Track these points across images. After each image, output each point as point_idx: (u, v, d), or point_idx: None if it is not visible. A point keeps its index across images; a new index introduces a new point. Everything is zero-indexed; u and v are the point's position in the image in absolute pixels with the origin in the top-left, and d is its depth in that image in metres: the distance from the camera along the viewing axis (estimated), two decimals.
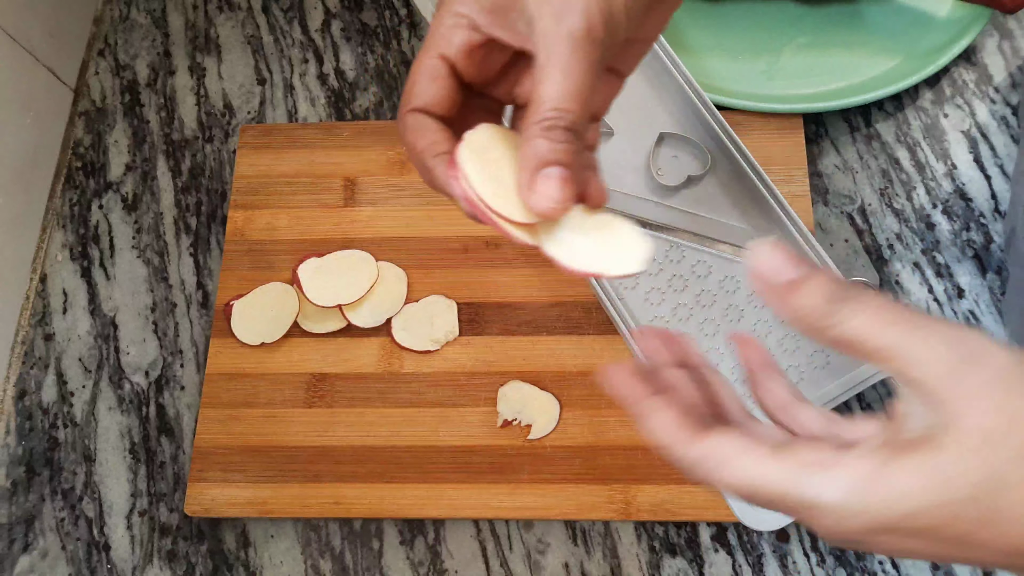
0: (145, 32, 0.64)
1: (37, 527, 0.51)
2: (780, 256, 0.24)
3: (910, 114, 0.56)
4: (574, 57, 0.27)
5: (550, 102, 0.27)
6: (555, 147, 0.27)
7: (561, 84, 0.27)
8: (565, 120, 0.27)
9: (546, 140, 0.27)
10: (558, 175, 0.27)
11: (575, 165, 0.28)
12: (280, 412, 0.51)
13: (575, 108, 0.27)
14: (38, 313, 0.56)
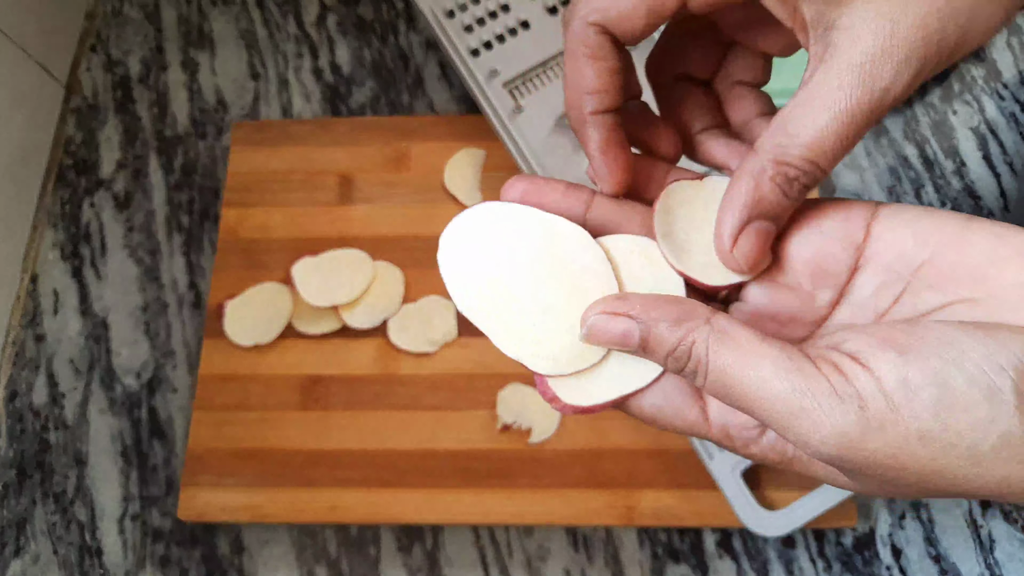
0: (137, 27, 0.62)
1: (28, 531, 0.50)
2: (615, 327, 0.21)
3: (919, 110, 0.55)
4: (871, 116, 0.20)
5: (809, 151, 0.21)
6: (783, 203, 0.22)
7: (836, 138, 0.21)
8: (812, 177, 0.21)
9: (780, 192, 0.21)
10: (769, 231, 0.22)
11: (783, 224, 0.22)
12: (274, 415, 0.50)
13: (828, 170, 0.21)
14: (29, 313, 0.55)
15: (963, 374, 0.18)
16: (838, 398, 0.19)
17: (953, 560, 0.46)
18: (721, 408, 0.22)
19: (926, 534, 0.46)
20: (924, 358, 0.19)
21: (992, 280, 0.20)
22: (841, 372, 0.19)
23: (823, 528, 0.46)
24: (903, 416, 0.18)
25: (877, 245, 0.22)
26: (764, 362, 0.19)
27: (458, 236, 0.23)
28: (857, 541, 0.46)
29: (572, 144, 0.53)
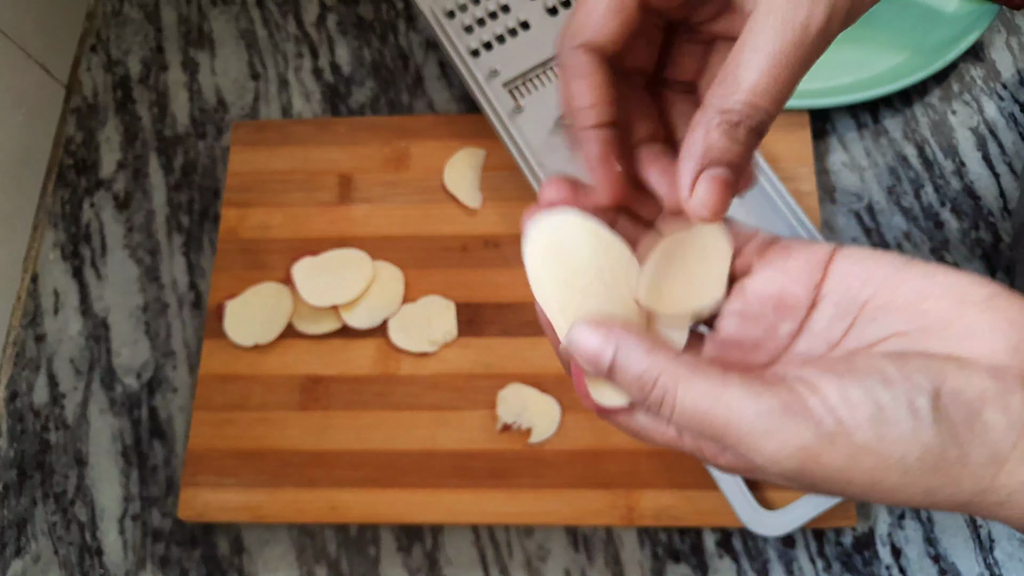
0: (138, 27, 0.62)
1: (29, 531, 0.50)
2: (591, 344, 0.23)
3: (918, 111, 0.55)
4: (798, 51, 0.23)
5: (747, 94, 0.23)
6: (733, 148, 0.23)
7: (770, 77, 0.23)
8: (756, 119, 0.23)
9: (727, 137, 0.23)
10: (724, 179, 0.24)
11: (742, 170, 0.24)
12: (274, 415, 0.50)
13: (772, 110, 0.23)
14: (29, 313, 0.55)
15: (890, 393, 0.21)
16: (797, 417, 0.21)
17: (952, 560, 0.46)
18: None
19: (926, 534, 0.46)
20: (859, 380, 0.21)
21: (920, 315, 0.23)
22: (796, 395, 0.21)
23: (823, 528, 0.46)
24: (848, 429, 0.21)
25: (831, 284, 0.25)
26: (731, 391, 0.22)
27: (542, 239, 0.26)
28: (857, 541, 0.46)
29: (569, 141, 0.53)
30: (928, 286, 0.23)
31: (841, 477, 0.21)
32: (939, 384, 0.21)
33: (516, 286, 0.51)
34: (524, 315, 0.51)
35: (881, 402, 0.21)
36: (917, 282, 0.23)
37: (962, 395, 0.21)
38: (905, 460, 0.21)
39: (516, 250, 0.52)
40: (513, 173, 0.52)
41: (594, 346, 0.23)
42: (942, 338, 0.23)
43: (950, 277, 0.23)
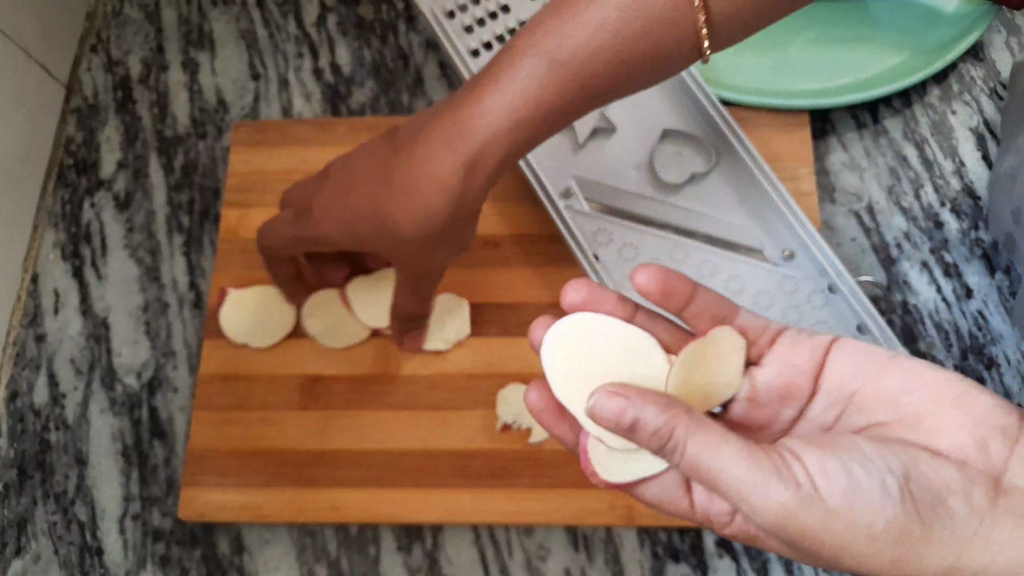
0: (138, 27, 0.63)
1: (29, 531, 0.50)
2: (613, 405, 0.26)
3: (918, 111, 0.55)
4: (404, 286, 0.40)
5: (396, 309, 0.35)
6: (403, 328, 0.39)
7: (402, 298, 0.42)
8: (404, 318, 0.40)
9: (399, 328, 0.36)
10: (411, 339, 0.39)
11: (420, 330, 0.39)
12: (274, 415, 0.50)
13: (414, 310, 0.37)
14: (29, 313, 0.55)
15: (863, 469, 0.24)
16: (781, 478, 0.24)
17: None
18: (702, 499, 0.27)
19: None
20: (838, 455, 0.24)
21: (900, 408, 0.26)
22: (783, 460, 0.24)
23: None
24: (823, 495, 0.24)
25: (827, 375, 0.28)
26: (729, 448, 0.25)
27: (559, 337, 0.28)
28: None
29: (571, 144, 0.53)
30: (908, 382, 0.26)
31: (815, 537, 0.24)
32: (909, 468, 0.24)
33: (516, 286, 0.51)
34: (524, 315, 0.51)
35: (855, 475, 0.24)
36: (899, 377, 0.26)
37: (929, 481, 0.24)
38: (872, 528, 0.23)
39: (516, 250, 0.52)
40: (513, 173, 0.52)
41: (617, 407, 0.26)
42: (917, 430, 0.26)
43: (927, 374, 0.26)
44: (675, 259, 0.50)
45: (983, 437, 0.25)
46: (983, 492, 0.24)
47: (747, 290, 0.49)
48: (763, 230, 0.50)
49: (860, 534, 0.23)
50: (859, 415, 0.27)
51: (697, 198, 0.51)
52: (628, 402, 0.26)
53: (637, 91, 0.38)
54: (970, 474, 0.24)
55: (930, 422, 0.25)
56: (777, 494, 0.24)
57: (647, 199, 0.51)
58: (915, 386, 0.26)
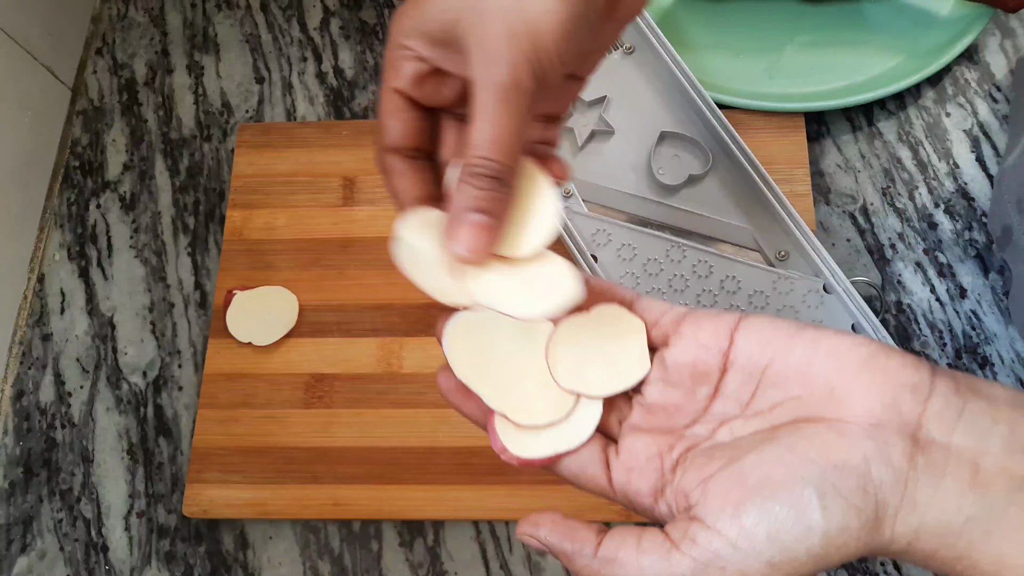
0: (143, 31, 0.63)
1: (35, 528, 0.51)
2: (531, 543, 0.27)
3: (912, 113, 0.56)
4: (499, 107, 0.27)
5: (477, 149, 0.27)
6: (479, 194, 0.27)
7: (488, 133, 0.27)
8: (490, 169, 0.27)
9: (471, 186, 0.27)
10: (478, 223, 0.27)
11: (500, 213, 0.28)
12: (279, 413, 0.50)
13: (500, 158, 0.27)
14: (36, 313, 0.56)
15: (779, 504, 0.24)
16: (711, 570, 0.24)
17: None
18: (621, 480, 0.28)
19: None
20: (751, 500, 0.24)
21: (807, 380, 0.26)
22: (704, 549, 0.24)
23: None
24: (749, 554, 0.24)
25: (736, 351, 0.28)
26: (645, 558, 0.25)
27: (457, 326, 0.30)
28: None
29: (570, 145, 0.54)
30: (814, 352, 0.26)
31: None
32: (824, 461, 0.24)
33: None
34: None
35: (773, 515, 0.24)
36: (806, 348, 0.27)
37: (848, 464, 0.24)
38: (812, 550, 0.23)
39: None
40: None
41: (534, 544, 0.27)
42: (828, 401, 0.26)
43: (833, 341, 0.26)
44: (672, 259, 0.50)
45: (892, 397, 0.25)
46: (900, 452, 0.24)
47: (743, 290, 0.50)
48: (759, 231, 0.51)
49: (804, 562, 0.24)
50: (774, 389, 0.27)
51: (694, 199, 0.52)
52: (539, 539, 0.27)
53: None
54: (884, 436, 0.24)
55: (840, 390, 0.26)
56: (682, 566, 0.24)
57: (645, 200, 0.52)
58: (822, 355, 0.26)
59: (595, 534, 0.27)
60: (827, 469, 0.24)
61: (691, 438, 0.28)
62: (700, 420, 0.28)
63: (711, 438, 0.28)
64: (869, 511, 0.24)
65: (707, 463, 0.26)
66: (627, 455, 0.28)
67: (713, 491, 0.25)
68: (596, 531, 0.27)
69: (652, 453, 0.28)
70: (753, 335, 0.28)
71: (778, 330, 0.27)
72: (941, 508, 0.24)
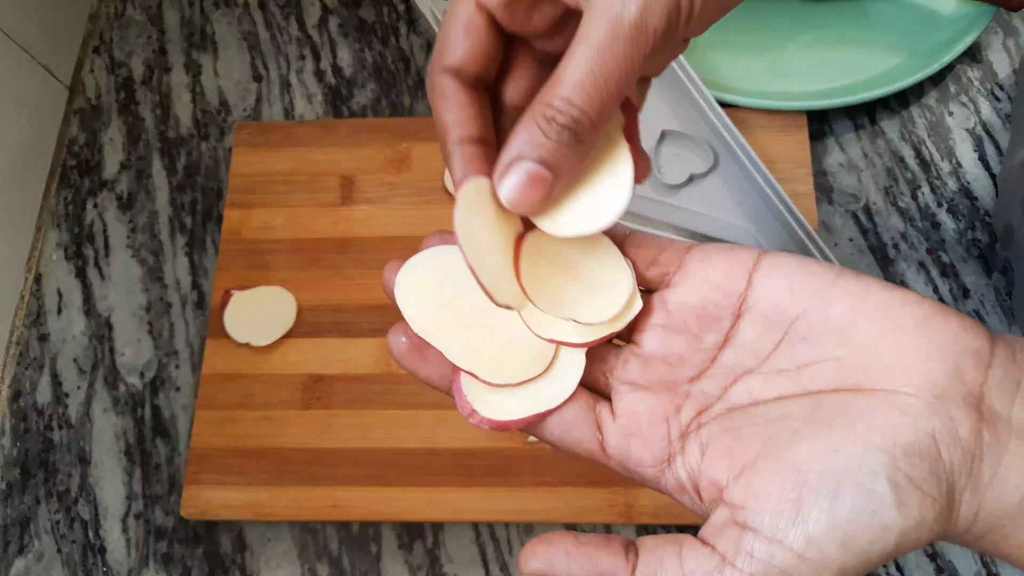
0: (141, 29, 0.63)
1: (32, 529, 0.51)
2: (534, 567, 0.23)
3: (915, 112, 0.55)
4: (609, 46, 0.22)
5: (563, 90, 0.22)
6: (546, 143, 0.23)
7: (583, 73, 0.22)
8: (568, 117, 0.22)
9: (540, 132, 0.23)
10: (535, 174, 0.23)
11: (565, 172, 0.24)
12: (277, 414, 0.50)
13: (588, 109, 0.22)
14: (33, 313, 0.55)
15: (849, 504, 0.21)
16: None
17: (949, 558, 0.46)
18: (619, 444, 0.24)
19: None
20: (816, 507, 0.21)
21: (851, 340, 0.23)
22: (753, 559, 0.21)
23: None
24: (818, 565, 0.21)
25: (757, 295, 0.24)
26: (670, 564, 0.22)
27: (412, 275, 0.26)
28: None
29: None
30: (860, 306, 0.23)
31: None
32: (891, 447, 0.21)
33: None
34: None
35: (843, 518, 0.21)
36: (849, 301, 0.23)
37: (917, 448, 0.21)
38: (886, 550, 0.21)
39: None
40: None
41: (543, 563, 0.23)
42: (879, 368, 0.22)
43: (882, 296, 0.23)
44: None
45: (955, 364, 0.22)
46: (968, 428, 0.21)
47: None
48: (761, 230, 0.51)
49: (876, 563, 0.21)
50: (804, 346, 0.23)
51: (696, 199, 0.52)
52: (553, 561, 0.23)
53: None
54: (949, 411, 0.21)
55: (892, 357, 0.22)
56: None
57: (646, 199, 0.52)
58: (869, 312, 0.23)
59: (624, 556, 0.23)
60: (896, 456, 0.21)
61: (700, 397, 0.24)
62: (707, 373, 0.25)
63: (723, 397, 0.24)
64: (943, 499, 0.21)
65: (734, 441, 0.23)
66: (627, 418, 0.25)
67: (762, 489, 0.21)
68: (623, 550, 0.23)
69: (657, 417, 0.24)
70: (779, 279, 0.24)
71: (812, 275, 0.23)
72: (1001, 488, 0.21)
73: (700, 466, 0.23)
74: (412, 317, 0.25)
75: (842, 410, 0.22)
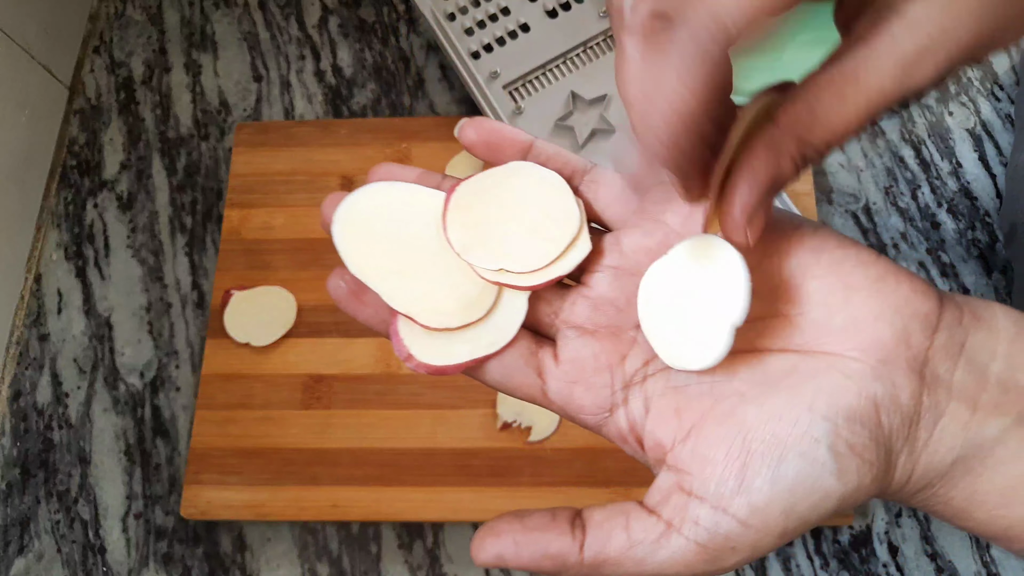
0: (141, 29, 0.63)
1: (32, 529, 0.51)
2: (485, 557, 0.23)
3: (915, 112, 0.55)
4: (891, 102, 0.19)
5: (831, 135, 0.20)
6: (793, 179, 0.21)
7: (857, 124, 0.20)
8: (823, 157, 0.21)
9: (795, 168, 0.21)
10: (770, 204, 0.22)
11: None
12: (277, 414, 0.50)
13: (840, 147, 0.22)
14: (33, 313, 0.55)
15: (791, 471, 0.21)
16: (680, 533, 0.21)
17: (949, 558, 0.46)
18: (560, 392, 0.24)
19: (922, 532, 0.46)
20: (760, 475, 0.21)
21: (802, 297, 0.22)
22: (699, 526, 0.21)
23: (820, 526, 0.47)
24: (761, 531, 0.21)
25: None
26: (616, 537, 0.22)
27: (350, 212, 0.25)
28: (854, 539, 0.47)
29: (571, 145, 0.53)
30: (813, 263, 0.22)
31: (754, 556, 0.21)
32: (834, 414, 0.21)
33: None
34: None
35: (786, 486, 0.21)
36: (803, 256, 0.22)
37: (858, 413, 0.21)
38: (824, 514, 0.21)
39: None
40: None
41: (489, 557, 0.23)
42: (827, 327, 0.22)
43: (836, 254, 0.22)
44: None
45: (903, 328, 0.21)
46: (908, 394, 0.21)
47: None
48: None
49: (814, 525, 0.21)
50: (756, 301, 0.22)
51: None
52: (508, 563, 0.22)
53: None
54: (892, 376, 0.21)
55: (841, 317, 0.22)
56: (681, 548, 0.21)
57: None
58: (822, 269, 0.22)
59: (571, 534, 0.23)
60: (838, 424, 0.21)
61: (646, 346, 0.24)
62: None
63: None
64: (881, 464, 0.21)
65: (681, 400, 0.23)
66: (570, 365, 0.24)
67: (708, 454, 0.21)
68: (570, 527, 0.23)
69: (601, 364, 0.24)
70: None
71: (770, 229, 0.23)
72: (935, 450, 0.21)
73: (644, 422, 0.23)
74: (349, 257, 0.24)
75: (789, 371, 0.22)
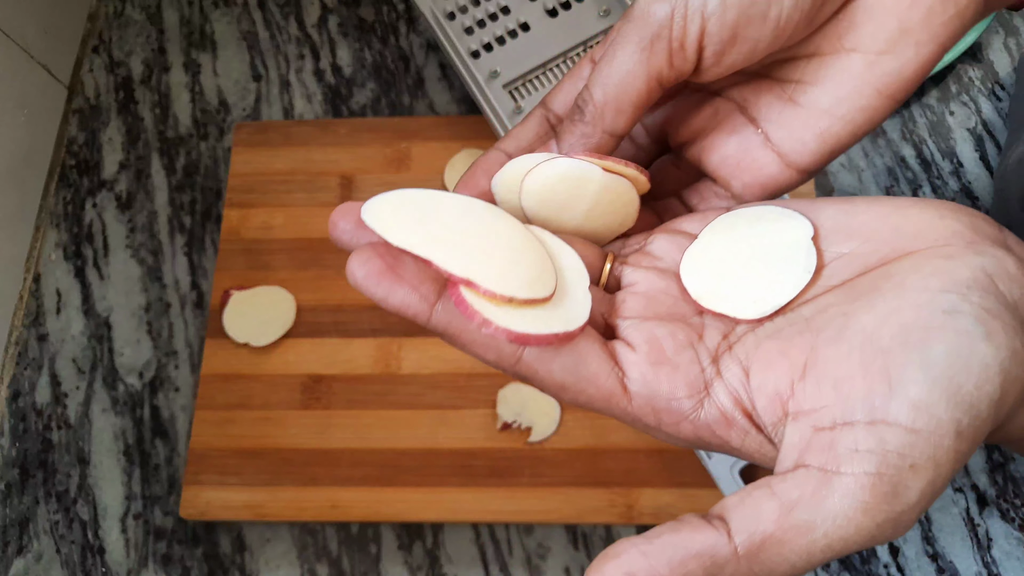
0: (140, 28, 0.63)
1: (31, 530, 0.50)
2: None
3: (916, 111, 0.55)
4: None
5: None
6: None
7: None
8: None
9: None
10: None
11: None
12: (276, 414, 0.50)
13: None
14: (32, 313, 0.55)
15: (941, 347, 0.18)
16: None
17: (950, 558, 0.46)
18: (645, 376, 0.21)
19: (923, 532, 0.46)
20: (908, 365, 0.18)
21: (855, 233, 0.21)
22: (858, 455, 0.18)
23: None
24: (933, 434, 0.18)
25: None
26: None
27: (386, 199, 0.23)
28: None
29: None
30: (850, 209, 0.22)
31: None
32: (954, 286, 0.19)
33: None
34: None
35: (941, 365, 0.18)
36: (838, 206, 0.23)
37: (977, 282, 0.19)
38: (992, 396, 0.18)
39: None
40: None
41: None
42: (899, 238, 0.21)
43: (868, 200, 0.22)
44: None
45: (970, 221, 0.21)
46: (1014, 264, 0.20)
47: None
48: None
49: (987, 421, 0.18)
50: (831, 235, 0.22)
51: None
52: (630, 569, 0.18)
53: None
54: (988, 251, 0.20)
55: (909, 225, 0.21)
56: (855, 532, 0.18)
57: None
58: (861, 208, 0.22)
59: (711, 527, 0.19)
60: (963, 293, 0.18)
61: (716, 324, 0.22)
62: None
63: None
64: (1022, 330, 0.19)
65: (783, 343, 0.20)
66: (648, 346, 0.21)
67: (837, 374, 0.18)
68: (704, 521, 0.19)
69: (680, 342, 0.21)
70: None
71: (798, 201, 0.23)
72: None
73: (749, 385, 0.20)
74: (389, 229, 0.21)
75: (885, 277, 0.20)
